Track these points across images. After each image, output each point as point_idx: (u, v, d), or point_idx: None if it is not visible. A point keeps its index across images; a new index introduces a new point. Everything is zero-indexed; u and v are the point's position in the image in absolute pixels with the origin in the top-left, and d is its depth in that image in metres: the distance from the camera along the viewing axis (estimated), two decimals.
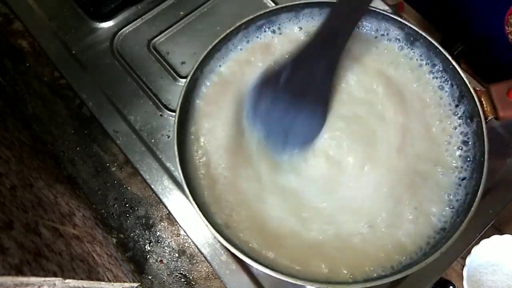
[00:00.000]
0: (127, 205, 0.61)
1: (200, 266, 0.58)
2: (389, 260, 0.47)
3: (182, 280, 0.58)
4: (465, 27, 0.70)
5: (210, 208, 0.50)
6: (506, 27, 0.61)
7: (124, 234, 0.60)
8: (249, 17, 0.56)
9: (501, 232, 0.62)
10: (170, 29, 0.70)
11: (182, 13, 0.71)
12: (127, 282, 0.54)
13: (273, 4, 0.71)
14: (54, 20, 0.71)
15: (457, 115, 0.52)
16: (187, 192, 0.47)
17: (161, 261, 0.59)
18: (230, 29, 0.55)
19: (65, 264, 0.43)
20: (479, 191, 0.46)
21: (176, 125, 0.50)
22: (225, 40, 0.56)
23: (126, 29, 0.70)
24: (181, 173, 0.48)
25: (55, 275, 0.39)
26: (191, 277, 0.58)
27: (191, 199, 0.47)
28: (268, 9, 0.56)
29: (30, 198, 0.46)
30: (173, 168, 0.61)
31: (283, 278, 0.43)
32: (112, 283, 0.51)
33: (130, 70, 0.67)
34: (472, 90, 0.50)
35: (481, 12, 0.65)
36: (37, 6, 0.71)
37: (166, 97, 0.65)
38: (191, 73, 0.53)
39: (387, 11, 0.55)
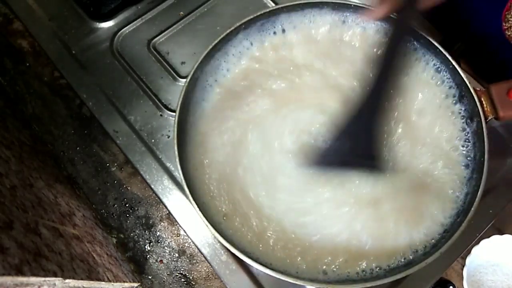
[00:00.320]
0: (127, 205, 0.61)
1: (200, 266, 0.58)
2: (389, 260, 0.47)
3: (182, 280, 0.58)
4: (464, 26, 0.70)
5: (210, 208, 0.50)
6: (504, 23, 0.61)
7: (124, 234, 0.60)
8: (249, 17, 0.56)
9: (501, 232, 0.62)
10: (170, 29, 0.70)
11: (182, 13, 0.71)
12: (127, 282, 0.54)
13: (273, 4, 0.71)
14: (54, 20, 0.71)
15: (457, 115, 0.52)
16: (187, 192, 0.47)
17: (161, 261, 0.59)
18: (230, 29, 0.55)
19: (65, 264, 0.43)
20: (479, 191, 0.46)
21: (176, 125, 0.50)
22: (225, 40, 0.56)
23: (126, 29, 0.70)
24: (181, 173, 0.48)
25: (55, 275, 0.39)
26: (191, 277, 0.58)
27: (191, 199, 0.47)
28: (268, 9, 0.56)
29: (30, 198, 0.46)
30: (173, 168, 0.61)
31: (283, 278, 0.43)
32: (112, 283, 0.50)
33: (130, 70, 0.67)
34: (472, 90, 0.50)
35: (480, 11, 0.65)
36: (37, 6, 0.71)
37: (166, 97, 0.65)
38: (191, 73, 0.53)
39: None
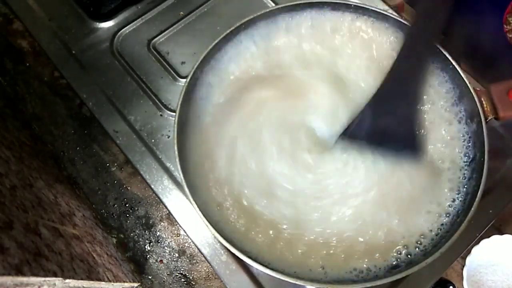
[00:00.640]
0: (127, 205, 0.61)
1: (200, 266, 0.58)
2: (388, 260, 0.47)
3: (182, 280, 0.58)
4: (465, 26, 0.70)
5: (210, 207, 0.50)
6: (505, 25, 0.61)
7: (124, 234, 0.60)
8: (249, 17, 0.56)
9: (501, 232, 0.62)
10: (170, 29, 0.70)
11: (182, 13, 0.71)
12: (127, 282, 0.54)
13: (273, 4, 0.71)
14: (54, 20, 0.71)
15: (457, 115, 0.52)
16: (187, 192, 0.47)
17: (161, 261, 0.59)
18: (230, 29, 0.55)
19: (65, 264, 0.43)
20: (479, 191, 0.46)
21: (176, 125, 0.50)
22: (225, 40, 0.56)
23: (126, 29, 0.70)
24: (181, 173, 0.48)
25: (55, 275, 0.39)
26: (191, 277, 0.58)
27: (191, 199, 0.47)
28: (268, 9, 0.57)
29: (30, 198, 0.46)
30: (173, 168, 0.61)
31: (283, 278, 0.43)
32: (112, 283, 0.50)
33: (130, 70, 0.67)
34: (472, 90, 0.50)
35: (481, 12, 0.65)
36: (37, 6, 0.71)
37: (166, 97, 0.65)
38: (191, 73, 0.53)
39: (388, 11, 0.55)
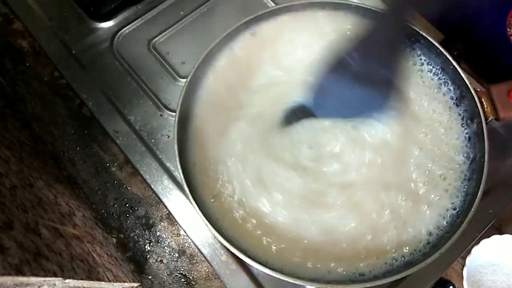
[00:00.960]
0: (127, 205, 0.61)
1: (200, 266, 0.58)
2: (388, 261, 0.47)
3: (182, 280, 0.58)
4: (466, 28, 0.70)
5: (210, 207, 0.50)
6: (508, 29, 0.60)
7: (124, 234, 0.60)
8: (249, 17, 0.56)
9: (501, 232, 0.62)
10: (170, 29, 0.69)
11: (182, 13, 0.71)
12: (127, 282, 0.54)
13: (273, 4, 0.71)
14: (54, 20, 0.71)
15: (458, 116, 0.52)
16: (187, 192, 0.47)
17: (161, 261, 0.59)
18: (230, 29, 0.55)
19: (65, 264, 0.43)
20: (479, 192, 0.46)
21: (176, 125, 0.50)
22: (226, 40, 0.56)
23: (126, 29, 0.70)
24: (181, 173, 0.48)
25: (55, 275, 0.39)
26: (191, 277, 0.58)
27: (191, 199, 0.47)
28: (268, 9, 0.57)
29: (30, 198, 0.46)
30: (173, 168, 0.61)
31: (283, 278, 0.43)
32: (112, 283, 0.50)
33: (130, 70, 0.66)
34: (472, 91, 0.50)
35: (483, 13, 0.65)
36: (37, 6, 0.71)
37: (166, 97, 0.65)
38: (191, 73, 0.53)
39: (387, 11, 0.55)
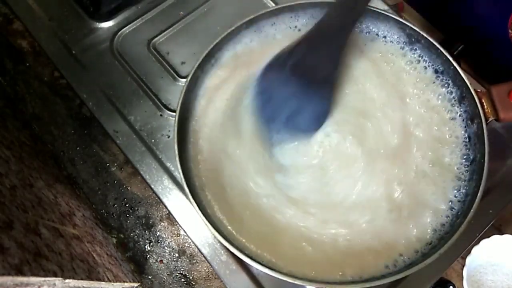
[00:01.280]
0: (127, 205, 0.61)
1: (200, 266, 0.58)
2: (389, 260, 0.47)
3: (182, 280, 0.58)
4: (467, 28, 0.70)
5: (210, 207, 0.50)
6: (510, 30, 0.60)
7: (124, 234, 0.60)
8: (250, 17, 0.56)
9: (501, 232, 0.62)
10: (170, 29, 0.69)
11: (182, 13, 0.71)
12: (127, 282, 0.54)
13: (273, 4, 0.71)
14: (54, 20, 0.71)
15: (458, 116, 0.52)
16: (187, 192, 0.47)
17: (161, 261, 0.59)
18: (231, 29, 0.55)
19: (65, 264, 0.43)
20: (479, 192, 0.46)
21: (176, 125, 0.50)
22: (226, 40, 0.56)
23: (126, 29, 0.70)
24: (181, 173, 0.48)
25: (55, 275, 0.39)
26: (191, 277, 0.58)
27: (191, 199, 0.47)
28: (269, 9, 0.56)
29: (30, 198, 0.46)
30: (173, 168, 0.61)
31: (283, 278, 0.43)
32: (112, 283, 0.51)
33: (130, 70, 0.66)
34: (473, 92, 0.50)
35: (484, 15, 0.65)
36: (37, 6, 0.71)
37: (166, 97, 0.65)
38: (191, 73, 0.53)
39: (388, 11, 0.55)
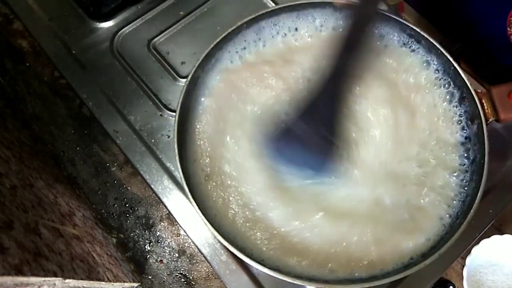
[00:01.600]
0: (127, 205, 0.61)
1: (200, 266, 0.58)
2: (388, 260, 0.47)
3: (182, 280, 0.58)
4: (466, 27, 0.70)
5: (210, 207, 0.50)
6: (508, 28, 0.60)
7: (124, 234, 0.60)
8: (250, 17, 0.56)
9: (501, 232, 0.62)
10: (170, 29, 0.69)
11: (182, 13, 0.71)
12: (127, 282, 0.54)
13: (273, 4, 0.71)
14: (54, 20, 0.71)
15: (458, 117, 0.52)
16: (187, 192, 0.47)
17: (161, 261, 0.59)
18: (231, 29, 0.55)
19: (65, 264, 0.43)
20: (479, 193, 0.46)
21: (176, 125, 0.50)
22: (226, 40, 0.56)
23: (126, 29, 0.70)
24: (181, 173, 0.48)
25: (55, 275, 0.39)
26: (191, 277, 0.58)
27: (191, 199, 0.47)
28: (269, 9, 0.56)
29: (30, 198, 0.46)
30: (173, 168, 0.61)
31: (283, 278, 0.43)
32: (112, 283, 0.50)
33: (130, 70, 0.66)
34: (473, 92, 0.50)
35: (483, 13, 0.65)
36: (37, 6, 0.71)
37: (166, 97, 0.65)
38: (191, 73, 0.53)
39: (388, 12, 0.55)
